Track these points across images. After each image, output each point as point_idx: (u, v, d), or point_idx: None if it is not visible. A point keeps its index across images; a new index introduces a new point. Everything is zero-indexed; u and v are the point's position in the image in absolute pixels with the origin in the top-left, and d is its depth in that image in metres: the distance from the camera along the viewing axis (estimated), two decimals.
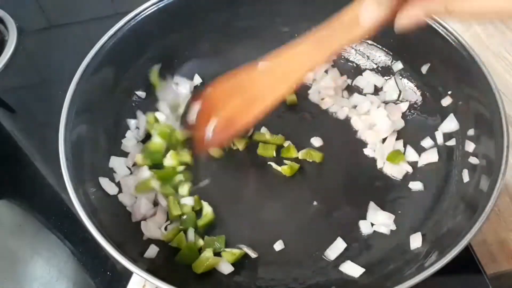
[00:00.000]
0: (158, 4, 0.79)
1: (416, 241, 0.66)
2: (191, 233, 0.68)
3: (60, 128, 0.65)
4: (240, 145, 0.77)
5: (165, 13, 0.80)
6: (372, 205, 0.71)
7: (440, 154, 0.76)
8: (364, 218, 0.71)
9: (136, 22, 0.78)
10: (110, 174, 0.73)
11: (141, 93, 0.83)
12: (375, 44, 0.87)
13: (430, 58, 0.80)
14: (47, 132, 0.69)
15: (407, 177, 0.75)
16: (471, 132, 0.72)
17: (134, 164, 0.75)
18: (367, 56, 0.88)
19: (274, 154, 0.77)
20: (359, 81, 0.86)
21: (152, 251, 0.66)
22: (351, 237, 0.69)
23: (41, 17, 1.06)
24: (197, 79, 0.86)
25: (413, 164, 0.76)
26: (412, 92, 0.83)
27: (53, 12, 1.07)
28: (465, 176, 0.69)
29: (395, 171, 0.75)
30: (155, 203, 0.72)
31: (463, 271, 0.67)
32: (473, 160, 0.69)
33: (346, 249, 0.68)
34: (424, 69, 0.81)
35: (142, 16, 0.78)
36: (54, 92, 0.77)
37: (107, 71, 0.76)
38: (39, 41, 1.01)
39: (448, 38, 0.73)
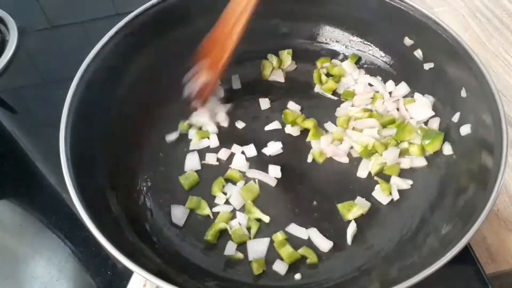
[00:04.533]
0: (158, 4, 0.79)
1: None
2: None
3: (61, 128, 0.65)
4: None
5: (165, 13, 0.80)
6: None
7: (439, 153, 0.76)
8: None
9: (136, 22, 0.78)
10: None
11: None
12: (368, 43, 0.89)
13: (430, 59, 0.80)
14: (47, 132, 0.69)
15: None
16: (470, 132, 0.72)
17: None
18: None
19: None
20: None
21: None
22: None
23: (42, 17, 1.06)
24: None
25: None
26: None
27: (54, 12, 1.07)
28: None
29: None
30: None
31: (462, 271, 0.67)
32: (473, 160, 0.69)
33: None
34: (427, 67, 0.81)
35: (143, 17, 0.78)
36: (55, 92, 0.77)
37: (107, 71, 0.76)
38: (39, 42, 1.01)
39: (447, 38, 0.74)
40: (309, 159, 0.78)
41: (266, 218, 0.72)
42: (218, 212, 0.73)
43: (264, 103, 0.86)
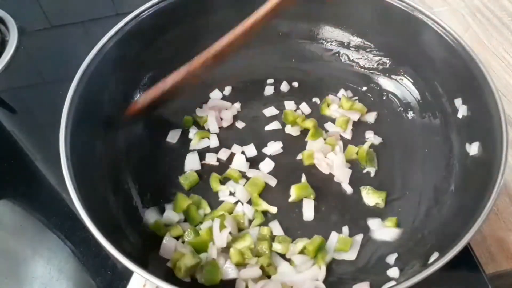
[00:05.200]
0: (158, 4, 0.79)
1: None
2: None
3: (61, 128, 0.65)
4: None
5: (165, 13, 0.80)
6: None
7: (439, 153, 0.76)
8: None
9: (136, 22, 0.78)
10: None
11: (141, 94, 0.83)
12: (371, 46, 0.88)
13: (431, 59, 0.80)
14: (47, 132, 0.69)
15: None
16: (470, 132, 0.72)
17: None
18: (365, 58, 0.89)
19: None
20: None
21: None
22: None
23: (42, 17, 1.06)
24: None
25: None
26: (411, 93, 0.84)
27: (54, 12, 1.07)
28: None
29: None
30: None
31: (462, 271, 0.67)
32: (473, 160, 0.69)
33: None
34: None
35: (143, 17, 0.78)
36: (55, 92, 0.77)
37: (107, 71, 0.76)
38: (40, 42, 1.02)
39: (447, 38, 0.74)
40: (298, 157, 0.78)
41: (273, 209, 0.72)
42: None
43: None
